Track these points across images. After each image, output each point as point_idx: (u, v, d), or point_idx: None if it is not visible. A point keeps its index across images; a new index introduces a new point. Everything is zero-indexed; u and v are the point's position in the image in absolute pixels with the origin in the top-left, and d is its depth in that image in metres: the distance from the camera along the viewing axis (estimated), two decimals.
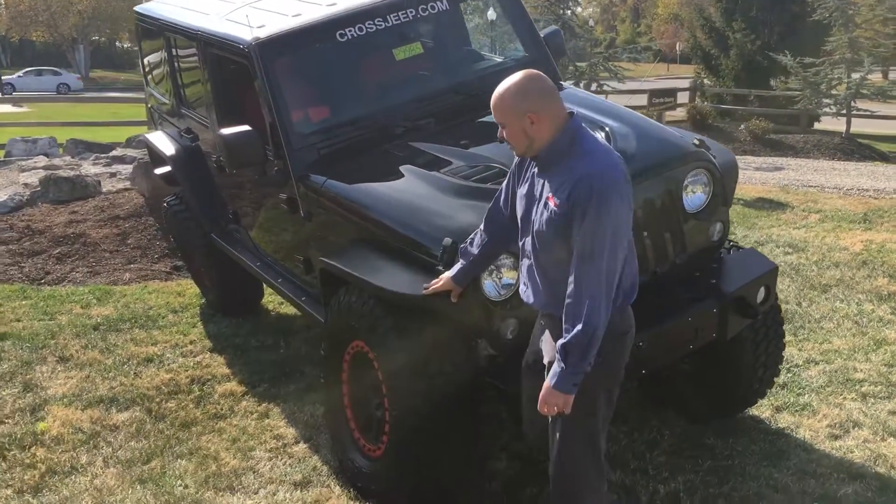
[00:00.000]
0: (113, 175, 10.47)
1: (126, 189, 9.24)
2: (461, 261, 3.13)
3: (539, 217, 2.73)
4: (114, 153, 12.24)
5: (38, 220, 8.22)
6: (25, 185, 9.92)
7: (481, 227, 3.10)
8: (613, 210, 2.59)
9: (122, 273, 7.08)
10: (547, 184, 2.72)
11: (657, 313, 3.46)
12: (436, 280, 3.21)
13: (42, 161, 11.72)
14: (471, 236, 3.14)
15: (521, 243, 2.89)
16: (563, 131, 2.69)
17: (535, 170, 2.80)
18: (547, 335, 2.90)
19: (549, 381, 2.69)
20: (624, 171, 2.69)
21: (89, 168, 10.93)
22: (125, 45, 51.71)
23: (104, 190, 9.36)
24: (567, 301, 2.65)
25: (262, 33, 4.23)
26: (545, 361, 2.89)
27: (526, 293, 2.91)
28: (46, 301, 6.34)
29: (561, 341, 2.66)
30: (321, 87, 4.41)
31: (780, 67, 17.59)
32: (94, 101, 24.02)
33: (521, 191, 2.87)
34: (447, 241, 3.23)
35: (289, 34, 4.24)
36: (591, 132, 2.77)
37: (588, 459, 2.91)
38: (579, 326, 2.61)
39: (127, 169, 10.43)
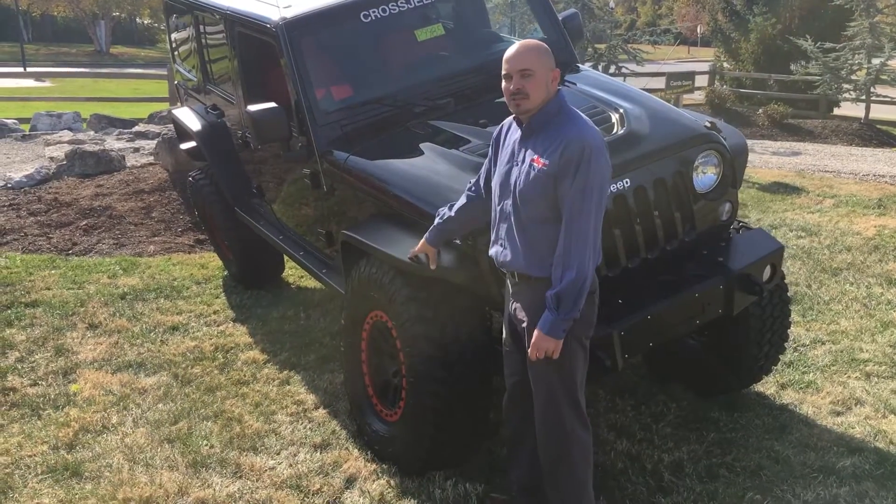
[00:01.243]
0: (136, 150, 10.67)
1: (150, 164, 9.43)
2: (437, 222, 3.34)
3: (523, 178, 2.95)
4: (137, 129, 12.46)
5: (65, 192, 8.42)
6: (51, 158, 10.14)
7: (462, 197, 3.32)
8: (601, 169, 2.87)
9: (147, 245, 7.27)
10: (531, 149, 2.97)
11: (665, 289, 3.60)
12: (415, 247, 3.41)
13: (67, 135, 11.95)
14: (450, 203, 3.35)
15: (498, 207, 3.09)
16: (555, 100, 2.98)
17: (516, 138, 3.04)
18: (522, 300, 3.08)
19: (540, 327, 2.91)
20: (604, 140, 2.99)
21: (113, 143, 11.14)
22: (146, 22, 51.80)
23: (128, 164, 9.56)
24: (557, 254, 2.89)
25: (289, 13, 4.36)
26: (524, 325, 3.07)
27: (503, 254, 3.09)
28: (74, 271, 6.55)
29: (552, 290, 2.88)
30: (345, 66, 4.54)
31: (800, 52, 17.49)
32: (116, 77, 24.20)
33: (501, 158, 3.10)
34: None
35: (315, 14, 4.37)
36: (576, 110, 3.05)
37: (571, 408, 3.11)
38: (571, 274, 2.85)
39: (150, 144, 10.63)
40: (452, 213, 3.32)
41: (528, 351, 2.99)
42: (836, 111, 18.10)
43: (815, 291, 6.03)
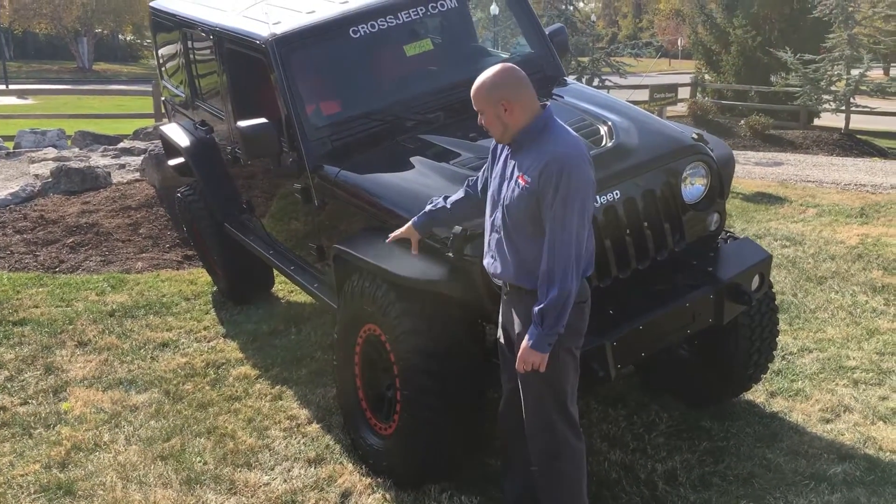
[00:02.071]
0: (122, 167, 10.63)
1: (136, 180, 9.40)
2: (428, 208, 3.39)
3: (510, 193, 3.01)
4: (122, 145, 12.41)
5: (51, 210, 8.39)
6: (36, 175, 10.10)
7: (461, 191, 3.37)
8: (581, 186, 2.89)
9: (135, 262, 7.25)
10: (517, 164, 3.02)
11: (657, 298, 3.64)
12: (398, 230, 3.45)
13: (52, 153, 11.90)
14: (443, 196, 3.40)
15: (490, 219, 3.14)
16: (537, 119, 2.99)
17: (508, 152, 3.09)
18: (512, 310, 3.13)
19: (526, 341, 2.96)
20: (588, 156, 2.99)
21: (98, 160, 11.10)
22: (128, 38, 51.73)
23: (114, 181, 9.53)
24: (542, 269, 2.94)
25: (279, 29, 4.39)
26: (514, 333, 3.12)
27: (493, 265, 3.14)
28: (62, 288, 6.52)
29: (537, 306, 2.92)
30: (335, 81, 4.57)
31: (780, 64, 17.71)
32: (99, 94, 24.12)
33: (495, 171, 3.15)
34: (457, 228, 3.39)
35: (305, 30, 4.40)
36: (562, 123, 3.05)
37: (561, 417, 3.14)
38: (554, 291, 2.89)
39: (135, 160, 10.60)
40: (446, 205, 3.36)
41: (516, 363, 3.03)
42: (817, 122, 18.31)
43: (801, 300, 6.10)
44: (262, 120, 4.25)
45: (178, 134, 6.09)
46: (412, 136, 4.23)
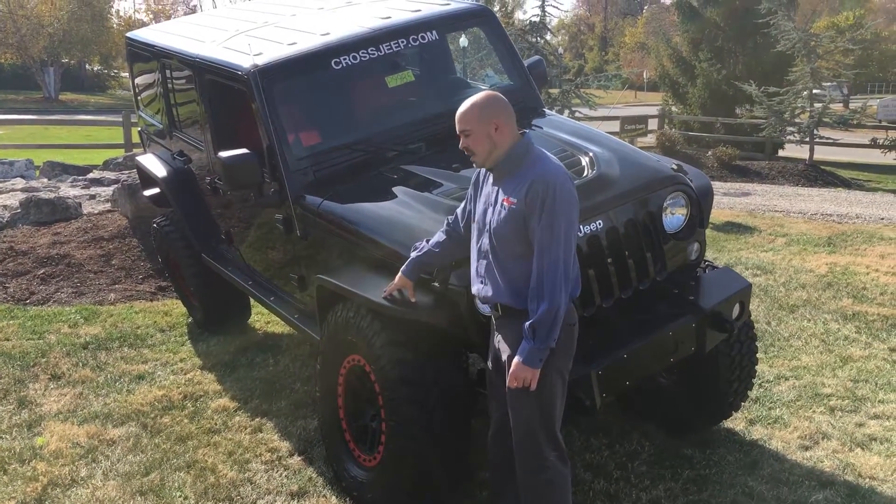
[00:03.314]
0: (92, 197, 10.52)
1: (108, 211, 9.30)
2: (414, 255, 3.43)
3: (496, 217, 3.10)
4: (92, 175, 12.28)
5: (21, 241, 8.26)
6: (4, 206, 9.93)
7: (439, 232, 3.42)
8: (565, 205, 3.00)
9: (108, 293, 7.16)
10: (502, 189, 3.12)
11: (640, 328, 3.67)
12: (392, 283, 3.47)
13: (20, 183, 11.73)
14: (426, 239, 3.45)
15: (477, 246, 3.21)
16: (519, 143, 3.12)
17: (490, 180, 3.19)
18: (503, 334, 3.17)
19: (518, 358, 3.02)
20: (570, 177, 3.13)
21: (68, 190, 10.97)
22: (95, 68, 51.43)
23: (85, 212, 9.42)
24: (531, 287, 3.02)
25: (261, 60, 4.40)
26: (504, 358, 3.15)
27: (484, 290, 3.19)
28: (34, 321, 6.41)
29: (529, 322, 2.99)
30: (317, 112, 4.58)
31: (745, 96, 18.10)
32: (67, 124, 23.91)
33: (479, 200, 3.24)
34: None
35: (287, 61, 4.41)
36: (542, 149, 3.18)
37: (548, 440, 3.17)
38: (544, 305, 2.97)
39: (106, 191, 10.50)
40: (430, 248, 3.40)
41: (507, 380, 3.07)
42: (781, 153, 18.68)
43: (775, 328, 6.18)
44: (244, 150, 4.24)
45: (154, 164, 6.06)
46: (395, 166, 4.25)
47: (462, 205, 3.41)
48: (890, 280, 7.37)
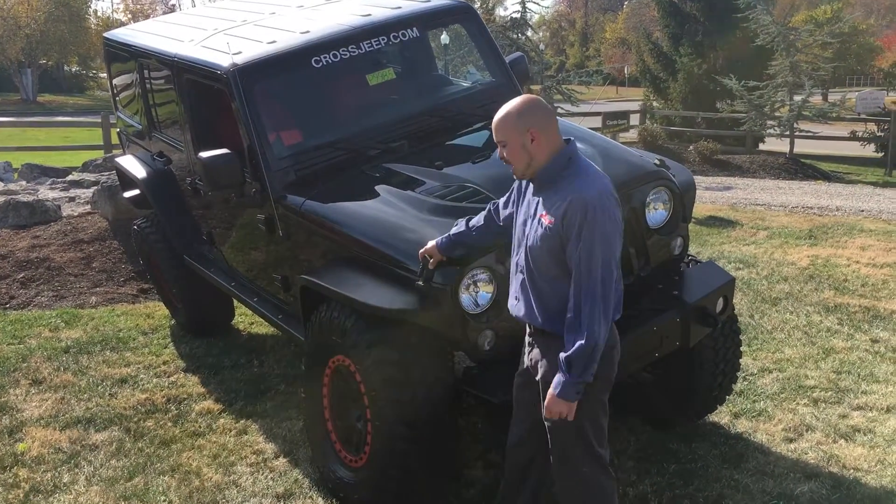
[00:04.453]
0: (72, 199, 10.41)
1: (88, 213, 9.21)
2: (452, 231, 3.33)
3: (533, 233, 2.92)
4: (71, 177, 12.15)
5: (0, 244, 8.17)
6: None
7: (480, 215, 3.32)
8: (605, 229, 2.79)
9: (89, 296, 7.09)
10: (542, 202, 2.92)
11: (624, 323, 3.65)
12: (426, 246, 3.37)
13: None
14: (466, 218, 3.36)
15: (514, 259, 3.07)
16: (560, 154, 2.90)
17: (532, 189, 3.00)
18: (536, 352, 3.06)
19: (553, 390, 2.87)
20: (613, 193, 2.89)
21: (47, 193, 10.86)
22: (73, 69, 50.99)
23: (64, 214, 9.32)
24: (568, 315, 2.83)
25: (240, 59, 4.36)
26: (538, 377, 3.05)
27: (517, 307, 3.07)
28: (14, 325, 6.34)
29: (564, 354, 2.83)
30: (298, 110, 4.55)
31: (725, 90, 18.20)
32: (45, 126, 23.68)
33: (520, 209, 3.06)
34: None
35: (266, 60, 4.38)
36: (586, 158, 2.98)
37: (590, 461, 3.05)
38: (581, 341, 2.78)
39: (85, 193, 10.39)
40: (467, 229, 3.31)
41: (543, 410, 2.96)
42: (762, 146, 18.78)
43: (758, 321, 6.21)
44: (225, 150, 4.21)
45: (134, 165, 6.00)
46: (377, 164, 4.23)
47: (506, 196, 3.25)
48: (870, 272, 7.43)
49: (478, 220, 3.33)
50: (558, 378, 2.85)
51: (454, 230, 3.34)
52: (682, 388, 4.37)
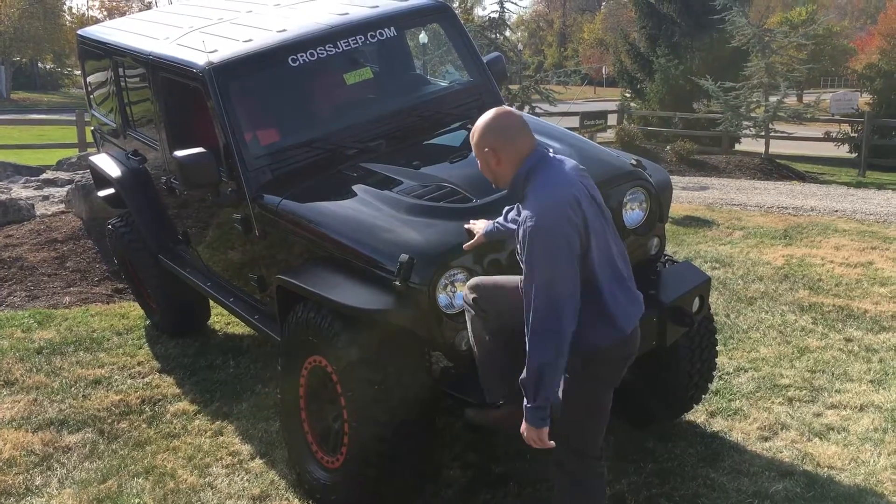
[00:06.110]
0: (46, 198, 10.29)
1: (62, 212, 9.11)
2: (501, 218, 3.28)
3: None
4: (45, 176, 12.00)
5: None
6: None
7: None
8: (548, 247, 2.67)
9: (62, 296, 7.01)
10: (518, 210, 2.94)
11: None
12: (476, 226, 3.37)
13: None
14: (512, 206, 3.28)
15: None
16: (519, 172, 2.81)
17: None
18: None
19: (524, 423, 2.80)
20: (570, 201, 2.72)
21: (20, 191, 10.72)
22: (48, 67, 50.45)
23: (38, 213, 9.22)
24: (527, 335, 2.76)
25: (216, 57, 4.32)
26: None
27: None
28: None
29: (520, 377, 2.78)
30: (274, 109, 4.52)
31: (702, 91, 18.33)
32: (19, 124, 23.37)
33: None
34: (403, 256, 3.37)
35: (242, 58, 4.35)
36: (553, 164, 2.84)
37: (584, 468, 3.05)
38: (528, 363, 2.73)
39: (59, 192, 10.28)
40: (509, 223, 3.24)
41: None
42: (738, 147, 18.93)
43: (734, 321, 6.25)
44: (201, 149, 4.18)
45: (108, 164, 5.93)
46: (354, 164, 4.21)
47: None
48: (844, 271, 7.51)
49: (514, 212, 3.23)
50: (524, 404, 2.78)
51: (500, 218, 3.27)
52: (658, 388, 4.39)
